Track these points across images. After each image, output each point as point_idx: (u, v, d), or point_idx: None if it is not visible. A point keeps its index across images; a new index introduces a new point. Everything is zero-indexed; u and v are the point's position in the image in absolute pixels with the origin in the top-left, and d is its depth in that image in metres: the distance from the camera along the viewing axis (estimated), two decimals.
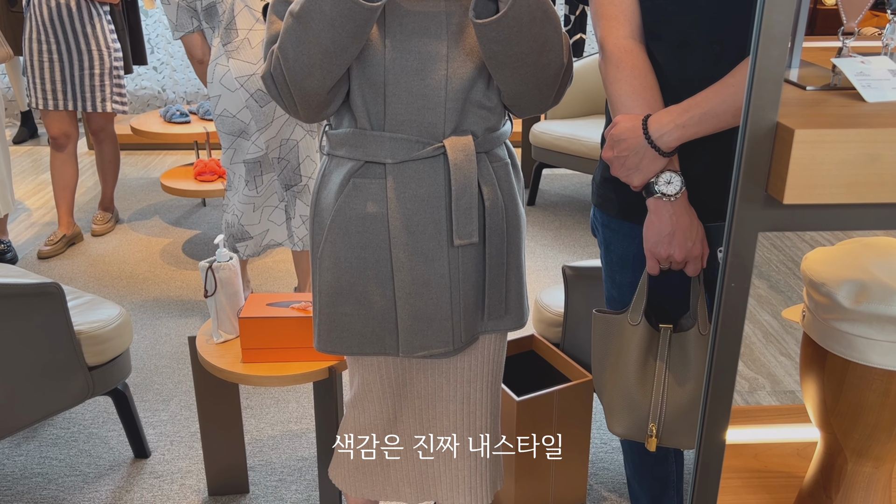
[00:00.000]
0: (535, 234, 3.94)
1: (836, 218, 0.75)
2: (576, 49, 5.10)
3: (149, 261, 3.63)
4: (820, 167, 0.71)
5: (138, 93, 5.75)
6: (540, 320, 2.31)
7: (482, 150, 1.35)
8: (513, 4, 1.13)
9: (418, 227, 1.33)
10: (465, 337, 1.41)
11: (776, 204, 0.74)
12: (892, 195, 0.73)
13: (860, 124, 0.72)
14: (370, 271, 1.36)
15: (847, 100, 0.82)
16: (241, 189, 2.76)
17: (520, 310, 1.47)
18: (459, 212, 1.31)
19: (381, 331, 1.39)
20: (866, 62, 0.84)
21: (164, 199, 4.38)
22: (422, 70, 1.26)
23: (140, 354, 2.84)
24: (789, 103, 0.82)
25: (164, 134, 3.91)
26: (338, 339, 1.41)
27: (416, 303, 1.35)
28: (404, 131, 1.30)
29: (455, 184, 1.30)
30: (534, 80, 1.25)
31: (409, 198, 1.32)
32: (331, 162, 1.39)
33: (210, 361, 1.91)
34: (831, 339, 1.05)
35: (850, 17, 0.85)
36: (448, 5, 1.26)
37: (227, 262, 1.95)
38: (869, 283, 1.01)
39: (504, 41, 1.17)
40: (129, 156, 5.18)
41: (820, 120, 0.74)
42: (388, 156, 1.31)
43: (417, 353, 1.38)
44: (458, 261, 1.36)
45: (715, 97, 1.19)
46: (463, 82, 1.28)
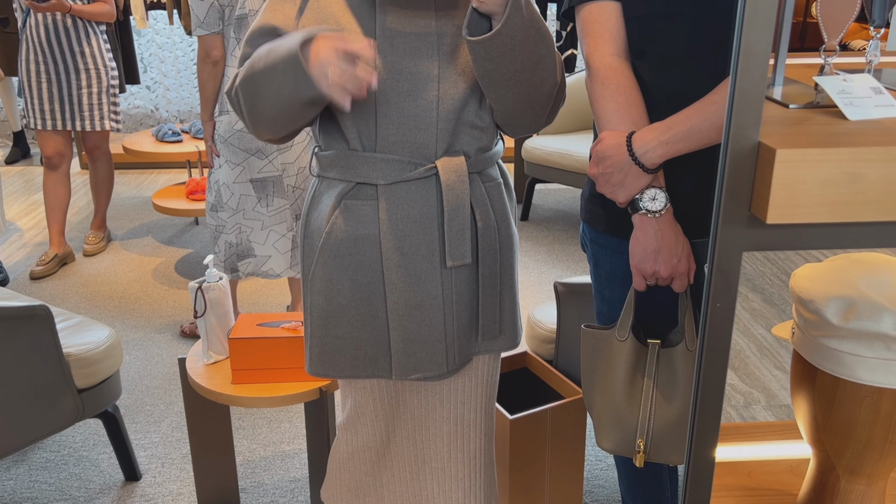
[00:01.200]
0: (528, 249, 3.94)
1: (820, 237, 0.74)
2: (567, 64, 5.12)
3: (141, 280, 3.62)
4: (802, 186, 0.71)
5: (131, 112, 5.76)
6: (533, 337, 2.31)
7: (474, 171, 1.35)
8: (506, 22, 1.13)
9: (411, 248, 1.32)
10: (459, 358, 1.40)
11: (759, 223, 0.74)
12: (874, 214, 0.72)
13: (842, 143, 0.72)
14: (362, 293, 1.35)
15: (830, 118, 0.82)
16: (247, 207, 2.73)
17: (513, 330, 1.46)
18: (452, 233, 1.31)
19: (375, 353, 1.38)
20: (848, 80, 0.84)
21: (156, 218, 4.37)
22: (413, 91, 1.25)
23: (131, 375, 2.82)
24: (772, 122, 0.81)
25: (156, 153, 3.90)
26: (330, 362, 1.39)
27: (409, 325, 1.34)
28: (396, 152, 1.29)
29: (447, 205, 1.30)
30: (527, 98, 1.25)
31: (402, 219, 1.31)
32: (321, 184, 1.38)
33: (200, 383, 1.90)
34: (821, 356, 1.04)
35: (831, 36, 0.85)
36: (439, 25, 1.26)
37: (217, 282, 1.94)
38: (857, 299, 1.00)
39: (497, 59, 1.17)
40: (122, 175, 5.17)
41: (802, 139, 0.73)
42: (379, 177, 1.30)
43: (411, 375, 1.37)
44: (452, 282, 1.35)
45: (698, 114, 1.19)
46: (455, 103, 1.28)
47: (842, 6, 0.82)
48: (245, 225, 2.76)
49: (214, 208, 2.79)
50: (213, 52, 2.61)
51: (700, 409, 0.86)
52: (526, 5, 1.16)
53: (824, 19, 0.83)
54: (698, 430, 0.88)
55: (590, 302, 2.12)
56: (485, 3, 1.12)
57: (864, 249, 1.14)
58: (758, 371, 2.80)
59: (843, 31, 0.84)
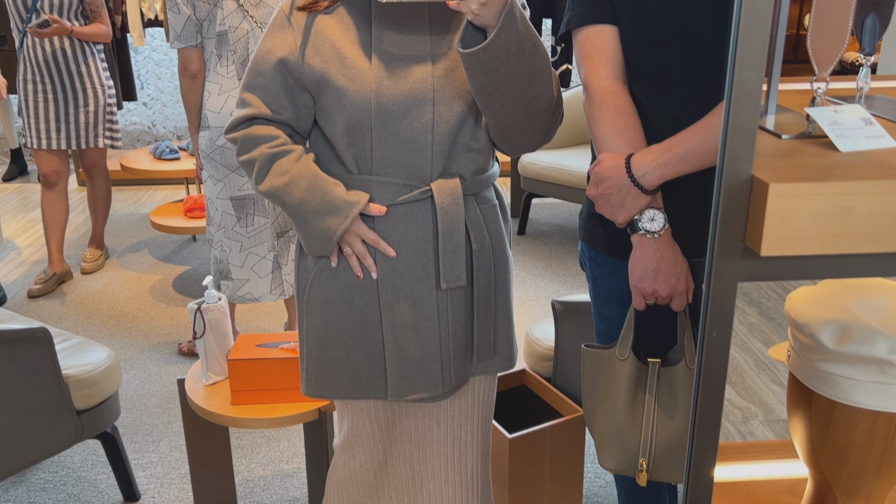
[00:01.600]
0: (525, 264, 3.95)
1: (813, 268, 0.75)
2: (562, 80, 5.15)
3: (139, 298, 3.62)
4: (795, 220, 0.72)
5: (128, 128, 5.77)
6: (531, 354, 2.31)
7: (470, 193, 1.36)
8: (499, 32, 1.14)
9: (406, 270, 1.33)
10: (455, 380, 1.41)
11: (754, 255, 0.75)
12: (866, 246, 0.73)
13: (833, 177, 0.73)
14: (358, 315, 1.36)
15: (822, 149, 0.84)
16: (227, 225, 2.74)
17: (509, 350, 1.47)
18: (446, 255, 1.32)
19: (371, 374, 1.39)
20: (839, 111, 0.86)
21: (153, 236, 4.38)
22: (408, 114, 1.27)
23: (129, 394, 2.82)
24: (765, 153, 0.83)
25: (153, 171, 3.91)
26: (326, 383, 1.40)
27: (404, 346, 1.35)
28: (391, 175, 1.31)
29: (442, 227, 1.31)
30: (523, 113, 1.26)
31: (397, 241, 1.32)
32: None
33: (199, 404, 1.90)
34: (816, 379, 1.05)
35: (821, 68, 0.86)
36: (434, 48, 1.28)
37: (216, 303, 1.95)
38: (851, 323, 1.01)
39: (492, 71, 1.18)
40: (119, 192, 5.18)
41: (794, 172, 0.75)
42: (375, 199, 1.31)
43: (407, 396, 1.38)
44: (447, 303, 1.36)
45: (696, 136, 1.20)
46: (450, 125, 1.29)
47: (831, 39, 0.84)
48: (225, 244, 2.77)
49: (208, 220, 2.83)
50: (190, 66, 2.62)
51: (698, 433, 0.87)
52: (520, 18, 1.17)
53: (814, 52, 0.85)
54: (696, 453, 0.89)
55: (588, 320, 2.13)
56: (480, 15, 1.14)
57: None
58: (755, 386, 2.81)
59: (833, 63, 0.86)
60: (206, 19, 2.57)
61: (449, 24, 1.30)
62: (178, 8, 2.55)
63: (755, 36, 0.69)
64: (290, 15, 1.29)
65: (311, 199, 1.30)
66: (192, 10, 2.54)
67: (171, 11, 2.57)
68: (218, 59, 2.60)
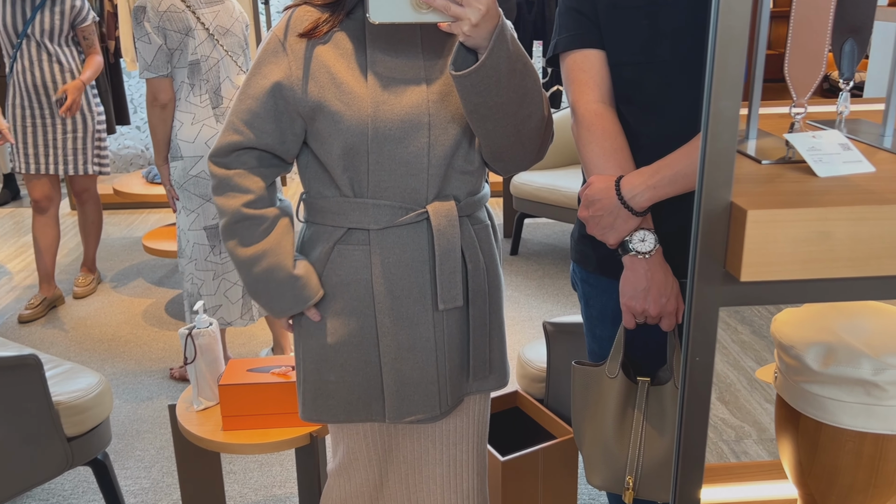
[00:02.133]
0: (518, 283, 3.96)
1: (793, 292, 0.76)
2: (553, 101, 5.20)
3: (131, 322, 3.61)
4: (774, 245, 0.73)
5: (121, 152, 5.79)
6: (523, 376, 2.31)
7: (464, 214, 1.37)
8: (490, 53, 1.16)
9: (402, 291, 1.34)
10: (452, 400, 1.41)
11: (734, 280, 0.76)
12: (844, 270, 0.74)
13: (811, 203, 0.74)
14: (355, 338, 1.36)
15: (801, 174, 0.85)
16: (199, 257, 2.73)
17: (503, 368, 1.48)
18: (443, 276, 1.33)
19: (368, 397, 1.39)
20: (817, 136, 0.87)
21: (146, 259, 4.37)
22: (405, 138, 1.28)
23: (121, 419, 2.80)
24: (745, 179, 0.84)
25: (146, 195, 3.92)
26: (323, 407, 1.40)
27: (402, 368, 1.36)
28: (387, 198, 1.32)
29: (439, 249, 1.32)
30: (515, 132, 1.27)
31: (394, 263, 1.33)
32: (309, 229, 1.40)
33: (190, 430, 1.89)
34: (803, 400, 1.06)
35: (799, 94, 0.88)
36: (427, 73, 1.29)
37: (207, 328, 1.95)
38: (836, 345, 1.02)
39: (484, 92, 1.19)
40: (112, 215, 5.18)
41: (773, 199, 0.76)
42: (371, 222, 1.32)
43: (405, 418, 1.38)
44: (443, 324, 1.37)
45: (684, 159, 1.22)
46: (445, 148, 1.30)
47: (808, 67, 0.85)
48: (196, 276, 2.75)
49: (180, 254, 2.81)
50: (160, 96, 2.60)
51: (683, 455, 0.87)
52: (511, 39, 1.19)
53: (792, 79, 0.86)
54: (682, 474, 0.89)
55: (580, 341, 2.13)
56: (471, 36, 1.15)
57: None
58: (748, 405, 2.81)
59: (811, 90, 0.87)
60: (178, 49, 2.56)
61: (441, 47, 1.32)
62: (149, 38, 2.54)
63: (730, 65, 0.70)
64: (285, 41, 1.30)
65: (266, 282, 1.35)
66: (163, 39, 2.54)
67: (140, 41, 2.56)
68: (190, 88, 2.61)
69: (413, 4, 1.14)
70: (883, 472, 1.04)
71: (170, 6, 2.55)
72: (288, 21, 1.31)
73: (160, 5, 2.55)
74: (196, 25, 2.58)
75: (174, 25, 2.55)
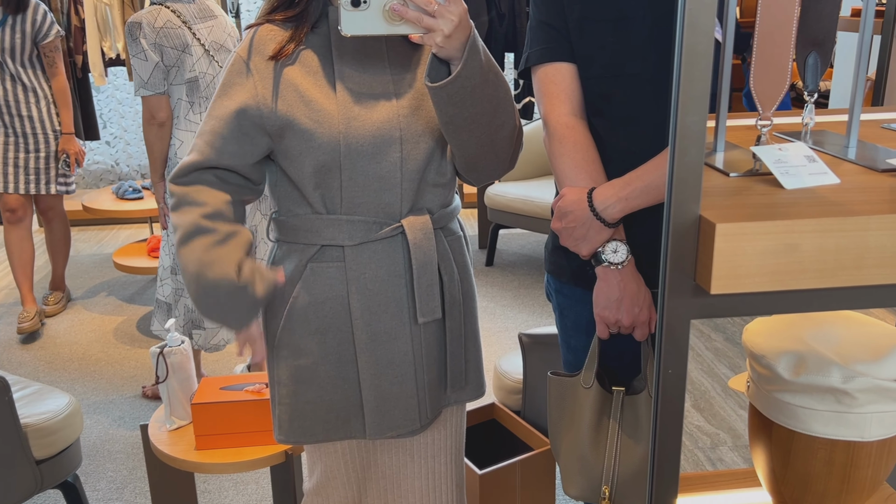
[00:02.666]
0: (494, 294, 3.96)
1: (762, 304, 0.77)
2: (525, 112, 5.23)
3: (102, 340, 3.55)
4: (743, 258, 0.74)
5: (91, 167, 5.71)
6: (500, 388, 2.31)
7: (438, 227, 1.37)
8: (465, 64, 1.16)
9: (380, 307, 1.33)
10: (431, 412, 1.41)
11: (704, 292, 0.76)
12: (811, 281, 0.75)
13: (778, 215, 0.75)
14: (332, 356, 1.35)
15: (768, 187, 0.86)
16: None
17: (479, 379, 1.48)
18: (422, 290, 1.33)
19: (347, 415, 1.38)
20: (784, 149, 0.88)
21: (117, 276, 4.31)
22: (377, 153, 1.28)
23: (92, 440, 2.75)
24: (713, 192, 0.85)
25: (116, 211, 3.87)
26: (300, 428, 1.38)
27: (381, 383, 1.35)
28: (361, 213, 1.31)
29: (416, 263, 1.32)
30: (489, 142, 1.28)
31: (370, 279, 1.32)
32: (281, 248, 1.38)
33: (163, 450, 1.87)
34: (775, 409, 1.07)
35: (765, 108, 0.89)
36: (396, 86, 1.29)
37: (179, 346, 1.92)
38: (806, 354, 1.03)
39: (459, 103, 1.20)
40: (81, 232, 5.10)
41: (741, 212, 0.77)
42: (345, 239, 1.31)
43: (386, 434, 1.37)
44: (421, 338, 1.37)
45: (654, 171, 1.23)
46: (418, 162, 1.30)
47: (773, 80, 0.87)
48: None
49: (174, 270, 2.71)
50: (158, 114, 2.54)
51: (658, 466, 0.87)
52: (483, 50, 1.20)
53: (758, 92, 0.87)
54: (657, 485, 0.89)
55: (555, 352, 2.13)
56: (444, 47, 1.15)
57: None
58: (723, 412, 2.84)
59: (776, 103, 0.89)
60: (174, 66, 2.51)
61: (407, 61, 1.32)
62: (146, 54, 2.49)
63: (696, 81, 0.71)
64: (249, 60, 1.29)
65: (214, 296, 1.30)
66: (159, 56, 2.49)
67: (136, 58, 2.50)
68: (189, 105, 2.55)
69: (385, 17, 1.14)
70: (854, 479, 1.05)
71: (166, 22, 2.50)
72: (251, 40, 1.30)
73: (156, 21, 2.49)
74: (192, 42, 2.54)
75: (171, 42, 2.50)
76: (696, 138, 0.72)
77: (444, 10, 1.13)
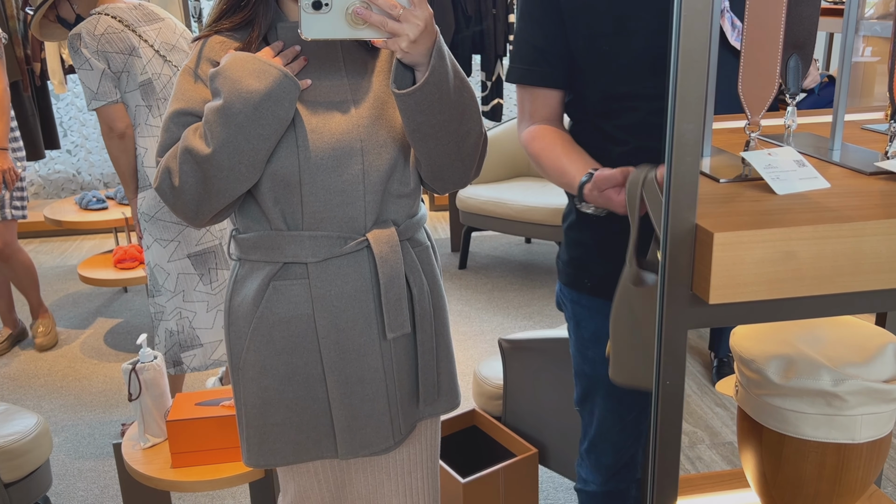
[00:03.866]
0: (468, 298, 3.95)
1: (760, 313, 0.76)
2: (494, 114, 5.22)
3: (68, 356, 3.46)
4: (741, 267, 0.73)
5: (51, 177, 5.58)
6: (480, 394, 2.29)
7: (404, 238, 1.33)
8: (433, 70, 1.13)
9: (347, 324, 1.29)
10: (405, 428, 1.38)
11: (702, 302, 0.75)
12: (809, 289, 0.75)
13: (775, 223, 0.74)
14: (299, 376, 1.31)
15: (759, 192, 0.85)
16: (188, 288, 2.51)
17: (453, 390, 1.45)
18: (389, 305, 1.29)
19: (317, 435, 1.34)
20: (773, 154, 0.88)
21: (82, 288, 4.21)
22: (338, 166, 1.23)
23: (61, 458, 2.67)
24: (705, 199, 0.84)
25: (81, 222, 3.77)
26: (270, 451, 1.34)
27: (352, 402, 1.31)
28: (324, 228, 1.26)
29: (383, 277, 1.28)
30: (456, 149, 1.25)
31: (336, 295, 1.28)
32: (243, 267, 1.32)
33: (138, 469, 1.81)
34: (766, 413, 1.07)
35: (753, 113, 0.88)
36: (354, 94, 1.25)
37: (151, 362, 1.87)
38: (795, 357, 1.03)
39: (427, 110, 1.16)
40: (43, 243, 4.98)
41: (737, 220, 0.76)
42: (308, 255, 1.26)
43: (359, 453, 1.34)
44: (391, 353, 1.33)
45: None
46: (380, 174, 1.26)
47: (762, 84, 0.86)
48: (186, 309, 2.52)
49: (151, 293, 2.55)
50: (116, 125, 2.41)
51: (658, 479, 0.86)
52: (448, 55, 1.17)
53: (746, 97, 0.87)
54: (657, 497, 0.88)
55: (536, 357, 2.13)
56: (409, 53, 1.11)
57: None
58: (699, 410, 2.85)
59: (765, 107, 0.88)
60: (123, 71, 2.40)
61: (363, 67, 1.28)
62: (89, 63, 2.36)
63: (692, 87, 0.70)
64: (198, 69, 1.24)
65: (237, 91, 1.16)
66: (105, 63, 2.37)
67: (81, 70, 2.37)
68: (148, 110, 2.45)
69: (348, 20, 1.09)
70: (845, 482, 1.05)
71: (106, 28, 2.41)
72: (200, 51, 1.25)
73: (95, 29, 2.40)
74: (140, 44, 2.44)
75: (114, 46, 2.40)
76: (692, 146, 0.71)
77: (409, 15, 1.09)
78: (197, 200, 1.23)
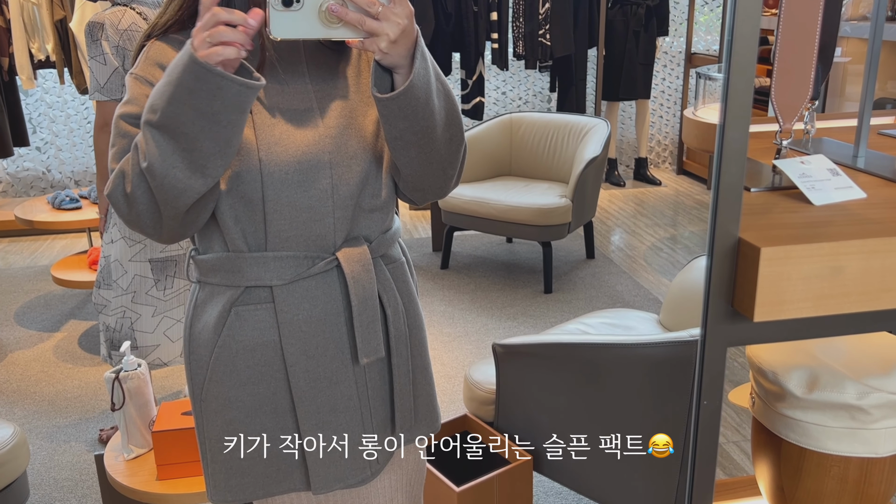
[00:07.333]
0: (451, 298, 3.91)
1: (804, 329, 0.73)
2: (475, 112, 5.19)
3: (41, 359, 3.36)
4: (787, 283, 0.70)
5: (20, 174, 5.42)
6: (472, 399, 2.26)
7: (377, 255, 1.24)
8: (417, 73, 1.05)
9: (317, 350, 1.19)
10: (382, 458, 1.28)
11: (744, 319, 0.72)
12: (855, 305, 0.72)
13: (821, 237, 0.71)
14: (266, 407, 1.21)
15: (793, 202, 0.83)
16: (140, 290, 2.49)
17: (432, 413, 1.35)
18: (362, 328, 1.19)
19: (288, 467, 1.23)
20: (806, 162, 0.85)
21: (54, 290, 4.09)
22: (304, 181, 1.13)
23: (37, 468, 2.58)
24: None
25: (53, 222, 3.66)
26: (238, 486, 1.23)
27: (324, 432, 1.22)
28: (290, 248, 1.16)
29: (355, 299, 1.18)
30: (438, 158, 1.16)
31: (304, 320, 1.18)
32: (202, 291, 1.23)
33: (122, 482, 1.75)
34: (785, 426, 1.04)
35: (786, 120, 0.86)
36: (319, 102, 1.16)
37: (136, 370, 1.81)
38: (818, 369, 1.01)
39: (411, 115, 1.08)
40: (13, 243, 4.84)
41: (780, 233, 0.73)
42: (273, 278, 1.16)
43: (333, 487, 1.24)
44: (365, 378, 1.24)
45: None
46: (350, 188, 1.17)
47: (795, 91, 0.83)
48: (131, 310, 2.49)
49: (99, 284, 2.51)
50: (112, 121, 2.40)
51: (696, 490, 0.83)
52: (429, 56, 1.09)
53: (779, 104, 0.84)
54: None
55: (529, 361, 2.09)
56: (388, 54, 1.03)
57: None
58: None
59: (797, 115, 0.85)
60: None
61: (327, 72, 1.19)
62: (105, 58, 2.31)
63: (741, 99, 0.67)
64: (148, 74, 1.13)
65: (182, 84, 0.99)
66: (121, 61, 2.31)
67: (95, 60, 2.32)
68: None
69: (322, 18, 0.99)
70: (868, 496, 1.03)
71: (130, 24, 2.32)
72: (146, 56, 1.15)
73: (120, 23, 2.30)
74: None
75: (134, 45, 2.34)
76: (739, 156, 0.68)
77: (388, 13, 1.01)
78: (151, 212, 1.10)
